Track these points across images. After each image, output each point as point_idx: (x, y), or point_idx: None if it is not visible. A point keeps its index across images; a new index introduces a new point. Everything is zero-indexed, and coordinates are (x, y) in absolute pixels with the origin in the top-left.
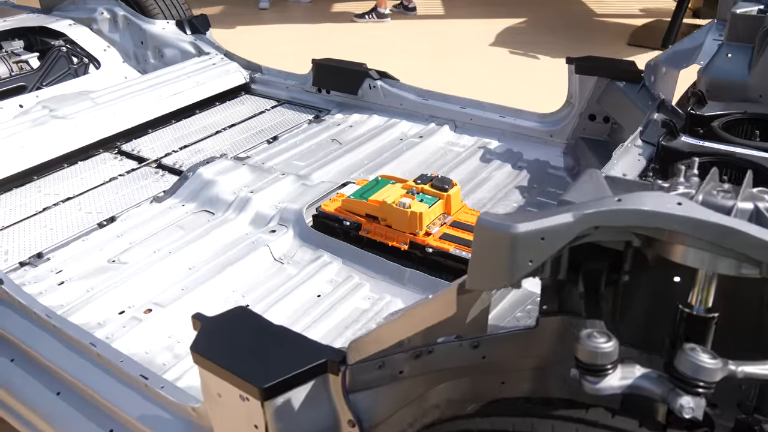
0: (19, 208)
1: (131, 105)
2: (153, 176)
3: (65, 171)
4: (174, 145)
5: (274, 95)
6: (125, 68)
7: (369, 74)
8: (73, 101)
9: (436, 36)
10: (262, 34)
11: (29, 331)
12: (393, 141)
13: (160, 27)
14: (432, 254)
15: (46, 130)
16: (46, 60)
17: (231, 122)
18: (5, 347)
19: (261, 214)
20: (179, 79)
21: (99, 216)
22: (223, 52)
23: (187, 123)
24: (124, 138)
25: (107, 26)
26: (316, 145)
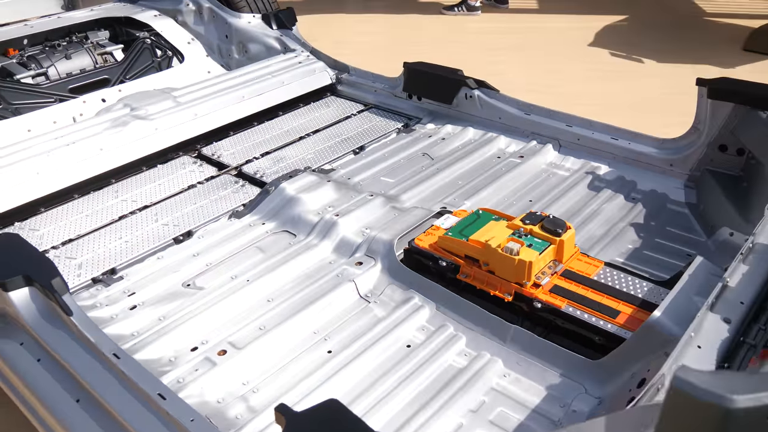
0: (95, 214)
1: (213, 106)
2: (232, 186)
3: (144, 175)
4: (255, 150)
5: (361, 98)
6: (209, 62)
7: (466, 83)
8: (154, 100)
9: (529, 32)
10: (344, 23)
11: (96, 372)
12: (490, 159)
13: (246, 21)
14: (540, 310)
15: (127, 132)
16: (130, 52)
17: (315, 127)
18: (71, 385)
19: (347, 241)
20: (263, 78)
21: (176, 229)
22: (309, 50)
23: (270, 126)
24: (204, 140)
25: (192, 18)
26: (406, 160)
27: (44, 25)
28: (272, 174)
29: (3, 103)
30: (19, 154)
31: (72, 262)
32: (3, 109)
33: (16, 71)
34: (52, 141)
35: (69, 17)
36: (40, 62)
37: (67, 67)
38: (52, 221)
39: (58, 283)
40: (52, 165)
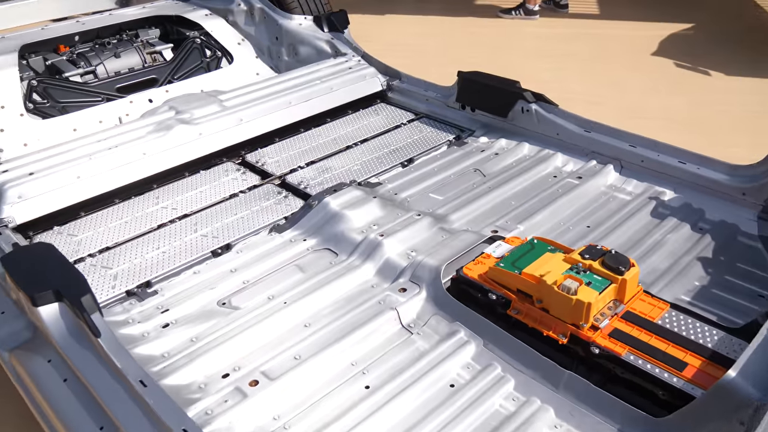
0: (135, 221)
1: (259, 111)
2: (275, 196)
3: (186, 181)
4: (300, 159)
5: (412, 107)
6: (258, 64)
7: (523, 95)
8: (200, 103)
9: (589, 39)
10: (397, 24)
11: (120, 400)
12: (545, 178)
13: (297, 23)
14: (598, 356)
15: (171, 136)
16: (179, 52)
17: (363, 136)
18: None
19: (391, 264)
20: (311, 84)
21: (214, 241)
22: (360, 54)
23: (317, 133)
24: (249, 146)
25: (243, 19)
26: (457, 176)
27: (96, 22)
28: (316, 185)
29: (50, 101)
30: (61, 157)
31: (107, 273)
32: (50, 107)
33: (65, 69)
34: (95, 144)
35: (121, 14)
36: (89, 60)
37: (115, 66)
38: (91, 227)
39: (87, 301)
40: (94, 169)
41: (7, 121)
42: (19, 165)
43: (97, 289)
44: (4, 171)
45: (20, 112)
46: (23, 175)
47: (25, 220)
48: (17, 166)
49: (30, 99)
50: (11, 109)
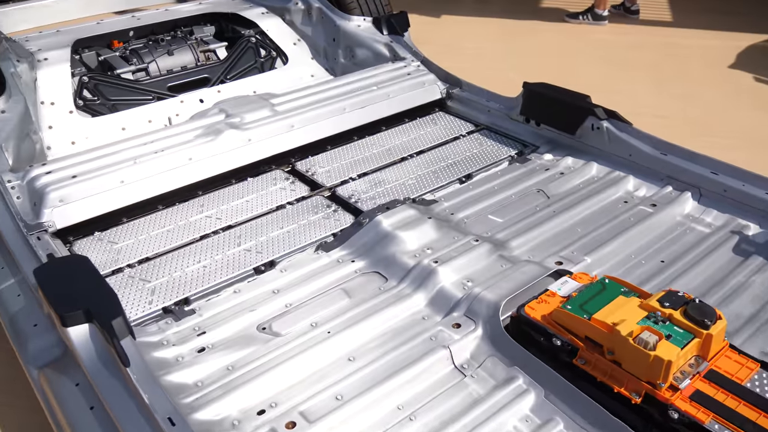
0: (177, 230)
1: (312, 118)
2: (324, 210)
3: (232, 188)
4: (352, 169)
5: (473, 117)
6: (313, 65)
7: (594, 112)
8: (251, 107)
9: (661, 47)
10: (456, 25)
11: None
12: (615, 204)
13: (356, 24)
14: (677, 421)
15: (219, 142)
16: (233, 51)
17: (419, 147)
18: None
19: (445, 294)
20: (368, 89)
21: (258, 257)
22: (420, 59)
23: (370, 142)
24: (299, 153)
25: (300, 18)
26: (518, 196)
27: (151, 17)
28: (368, 200)
29: (101, 99)
30: (106, 160)
31: (145, 286)
32: (100, 104)
33: (117, 65)
34: (141, 147)
35: (176, 10)
36: (142, 57)
37: (168, 64)
38: (132, 234)
39: (119, 324)
40: (139, 174)
41: (57, 118)
42: (62, 166)
43: (134, 305)
44: (48, 172)
45: (70, 109)
46: (66, 178)
47: (66, 224)
48: (61, 167)
49: (80, 96)
50: (61, 106)
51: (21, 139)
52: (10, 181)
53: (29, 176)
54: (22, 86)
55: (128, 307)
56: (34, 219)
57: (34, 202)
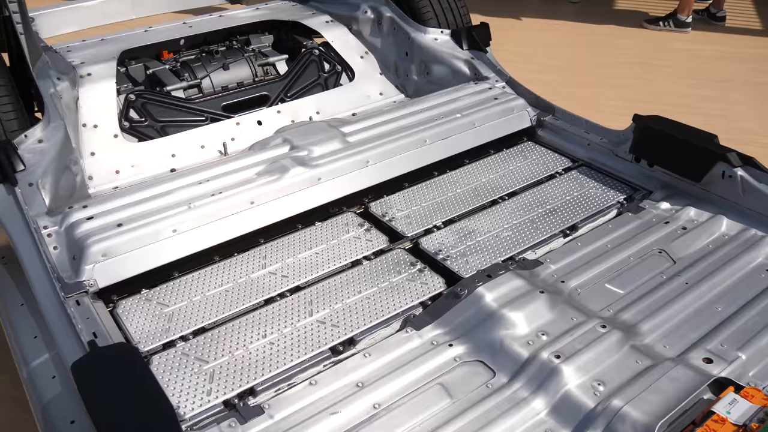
0: (237, 290)
1: (389, 151)
2: (408, 268)
3: (299, 235)
4: (436, 214)
5: (569, 151)
6: (382, 82)
7: (726, 157)
8: (320, 137)
9: (755, 59)
10: (524, 29)
11: None
12: (757, 272)
13: (432, 37)
14: None
15: (284, 182)
16: (294, 65)
17: (511, 187)
18: None
19: (572, 402)
20: (450, 116)
21: (334, 332)
22: (505, 79)
23: (454, 179)
24: (373, 191)
25: (369, 28)
26: (637, 257)
27: (204, 24)
28: (458, 256)
29: (148, 119)
30: (156, 203)
31: (203, 369)
32: (148, 126)
33: (166, 80)
34: (195, 187)
35: (232, 16)
36: (194, 71)
37: (223, 79)
38: (185, 293)
39: None
40: (193, 221)
41: (100, 143)
42: (105, 210)
43: (189, 396)
44: (89, 218)
45: (114, 133)
46: (110, 226)
47: (109, 283)
48: (104, 211)
49: (126, 116)
50: (105, 129)
51: (60, 172)
52: (47, 227)
53: (68, 221)
54: (63, 108)
55: (183, 400)
56: (73, 276)
57: (73, 255)
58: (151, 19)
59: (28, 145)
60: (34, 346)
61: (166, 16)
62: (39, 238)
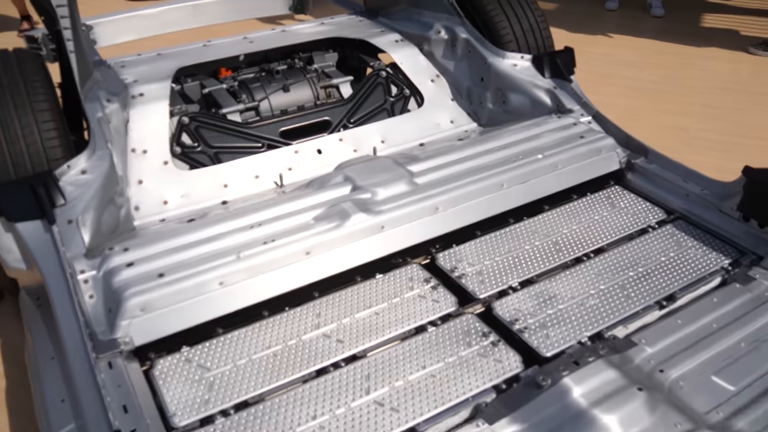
0: (286, 354)
1: (462, 196)
2: (479, 340)
3: (357, 290)
4: (512, 271)
5: (663, 200)
6: (453, 109)
7: None
8: (385, 177)
9: None
10: (600, 46)
11: None
12: None
13: (511, 63)
14: None
15: (344, 230)
16: (360, 88)
17: (597, 242)
18: None
19: None
20: (530, 157)
21: (394, 418)
22: (591, 113)
23: (531, 228)
24: (442, 239)
25: (442, 50)
26: (749, 342)
27: (265, 41)
28: (537, 328)
29: (201, 145)
30: (202, 248)
31: None
32: (200, 152)
33: (223, 102)
34: (246, 232)
35: (295, 32)
36: (253, 92)
37: (282, 102)
38: (229, 355)
39: None
40: (242, 273)
41: (149, 171)
42: (147, 255)
43: None
44: (130, 264)
45: (165, 159)
46: (151, 276)
47: (146, 341)
48: (146, 256)
49: (178, 141)
50: (155, 155)
51: (103, 206)
52: (84, 271)
53: (107, 267)
54: (111, 132)
55: None
56: (108, 332)
57: (109, 307)
58: (211, 30)
59: (70, 176)
60: (61, 412)
61: (226, 29)
62: (74, 286)
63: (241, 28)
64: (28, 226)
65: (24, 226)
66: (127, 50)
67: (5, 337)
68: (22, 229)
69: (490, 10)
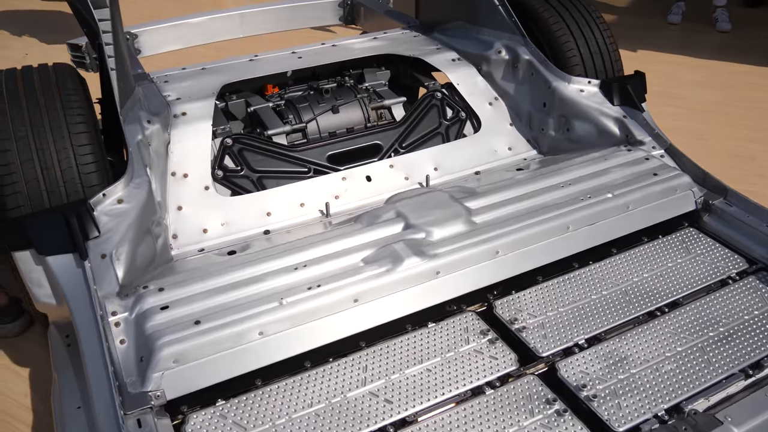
0: (330, 415)
1: (524, 239)
2: (543, 408)
3: (407, 339)
4: (577, 326)
5: (744, 248)
6: (512, 135)
7: None
8: (441, 214)
9: None
10: (656, 64)
11: None
12: None
13: (577, 88)
14: None
15: (398, 275)
16: (413, 110)
17: (671, 294)
18: None
19: None
20: (600, 195)
21: None
22: (664, 146)
23: (598, 275)
24: (500, 285)
25: (501, 71)
26: None
27: (314, 56)
28: (609, 396)
29: (245, 169)
30: (242, 291)
31: None
32: (244, 176)
33: (268, 122)
34: (289, 275)
35: (346, 47)
36: (300, 113)
37: (331, 124)
38: (268, 411)
39: None
40: (285, 322)
41: (189, 196)
42: (184, 297)
43: None
44: (164, 308)
45: (206, 184)
46: (187, 323)
47: (178, 395)
48: (182, 299)
49: (220, 164)
50: (196, 179)
51: (139, 238)
52: (116, 312)
53: (140, 308)
54: (152, 155)
55: None
56: (138, 384)
57: (141, 356)
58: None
59: (105, 205)
60: None
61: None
62: (105, 330)
63: (289, 38)
64: (59, 260)
65: (55, 259)
66: (171, 59)
67: (33, 367)
68: (53, 263)
69: (555, 30)
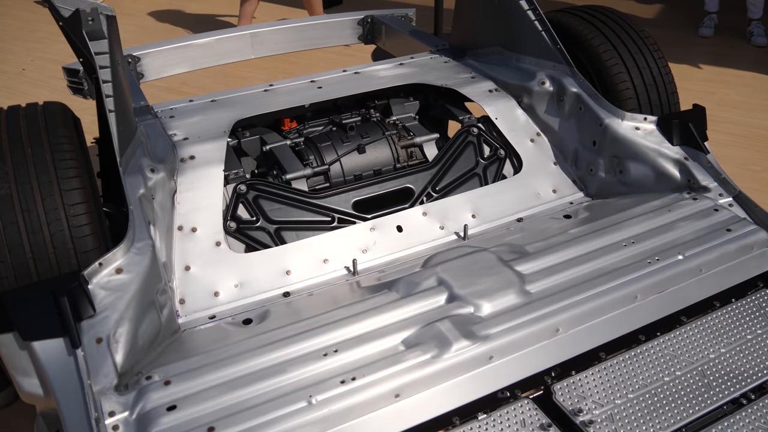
0: None
1: (587, 314)
2: None
3: None
4: (652, 419)
5: None
6: (556, 175)
7: None
8: (489, 283)
9: None
10: (693, 80)
11: None
12: None
13: (632, 125)
14: None
15: (443, 362)
16: (448, 148)
17: (756, 375)
18: None
19: None
20: (670, 259)
21: None
22: (733, 193)
23: (669, 350)
24: (559, 366)
25: (545, 105)
26: None
27: (336, 86)
28: None
29: (261, 219)
30: (262, 385)
31: None
32: (259, 228)
33: (286, 164)
34: (317, 363)
35: (370, 74)
36: (322, 153)
37: (356, 165)
38: None
39: None
40: (312, 427)
41: (198, 254)
42: (194, 393)
43: None
44: (171, 408)
45: (217, 239)
46: (197, 425)
47: None
48: (192, 394)
49: (233, 215)
50: (206, 233)
51: (142, 312)
52: (113, 413)
53: (142, 408)
54: (156, 209)
55: None
56: None
57: None
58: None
59: (102, 277)
60: None
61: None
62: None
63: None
64: (46, 345)
65: (41, 345)
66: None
67: None
68: (39, 349)
69: (605, 60)
